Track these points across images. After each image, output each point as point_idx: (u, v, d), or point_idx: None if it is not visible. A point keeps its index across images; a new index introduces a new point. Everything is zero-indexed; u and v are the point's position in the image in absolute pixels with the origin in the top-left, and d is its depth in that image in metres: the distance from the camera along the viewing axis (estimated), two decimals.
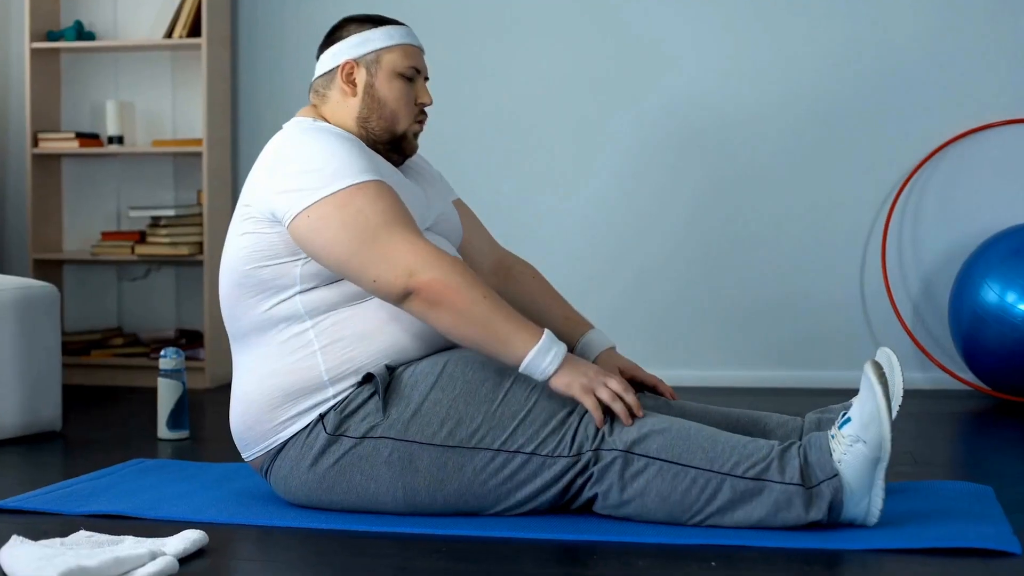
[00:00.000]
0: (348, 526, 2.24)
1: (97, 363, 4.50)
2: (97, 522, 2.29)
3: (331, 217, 2.23)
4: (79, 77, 4.72)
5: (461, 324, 2.21)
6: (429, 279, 2.19)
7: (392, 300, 2.24)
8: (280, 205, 2.27)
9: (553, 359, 2.20)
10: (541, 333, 2.21)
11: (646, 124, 4.40)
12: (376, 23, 2.46)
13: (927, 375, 4.21)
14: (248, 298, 2.33)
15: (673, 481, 2.17)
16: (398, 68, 2.44)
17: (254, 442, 2.35)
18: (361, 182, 2.26)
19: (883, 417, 2.11)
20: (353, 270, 2.25)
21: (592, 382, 2.21)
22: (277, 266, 2.30)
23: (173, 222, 4.44)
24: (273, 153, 2.35)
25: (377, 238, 2.22)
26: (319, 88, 2.48)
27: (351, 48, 2.44)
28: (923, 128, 4.25)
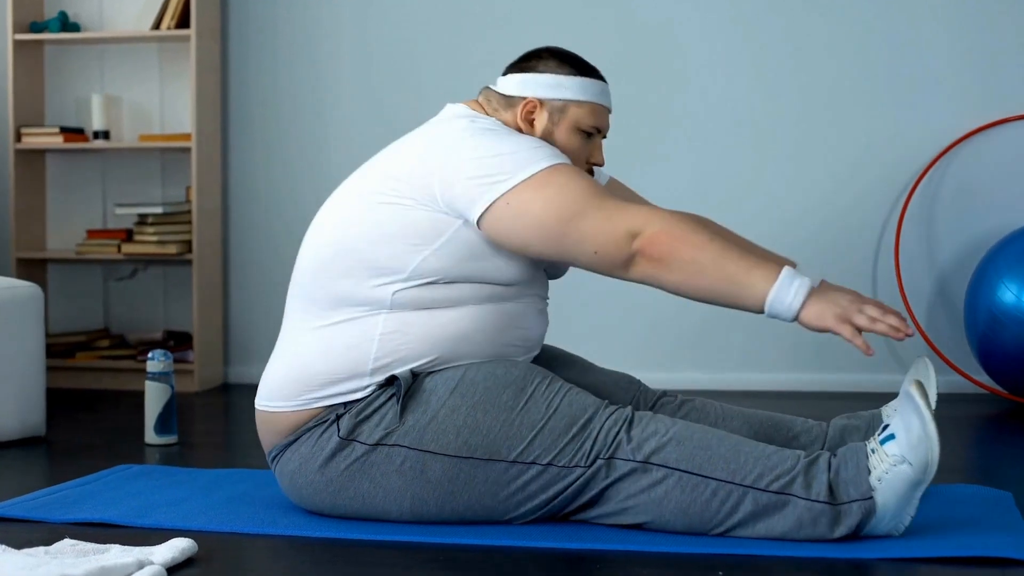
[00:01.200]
0: (344, 534, 2.23)
1: (82, 366, 4.49)
2: (82, 530, 2.28)
3: (534, 199, 2.20)
4: (63, 70, 4.71)
5: (693, 274, 2.15)
6: (653, 234, 2.16)
7: (617, 269, 2.20)
8: (467, 195, 2.22)
9: (798, 292, 2.11)
10: (780, 267, 2.14)
11: (652, 115, 4.40)
12: (576, 69, 2.42)
13: (942, 378, 4.20)
14: (345, 269, 2.29)
15: (692, 493, 2.15)
16: (581, 124, 2.41)
17: (279, 398, 2.33)
18: (555, 163, 2.24)
19: (933, 441, 2.07)
20: (567, 248, 2.22)
21: (846, 310, 2.10)
22: (399, 249, 2.25)
23: (161, 220, 4.44)
24: (448, 138, 2.30)
25: (587, 210, 2.19)
26: (493, 100, 2.44)
27: (542, 87, 2.40)
28: (937, 123, 4.24)
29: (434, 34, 4.53)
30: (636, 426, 2.21)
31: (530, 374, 2.28)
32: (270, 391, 2.35)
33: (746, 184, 4.36)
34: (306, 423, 2.30)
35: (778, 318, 2.13)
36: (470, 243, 2.26)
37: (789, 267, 2.15)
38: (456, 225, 2.25)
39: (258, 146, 4.64)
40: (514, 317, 2.33)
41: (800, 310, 2.12)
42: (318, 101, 4.59)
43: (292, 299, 2.39)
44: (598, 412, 2.24)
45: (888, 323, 2.09)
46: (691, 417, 2.49)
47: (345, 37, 4.57)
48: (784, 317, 2.13)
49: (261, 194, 4.64)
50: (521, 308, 2.35)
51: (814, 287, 2.15)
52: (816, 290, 2.14)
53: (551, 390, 2.26)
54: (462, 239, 2.26)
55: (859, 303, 2.12)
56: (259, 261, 4.65)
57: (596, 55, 4.37)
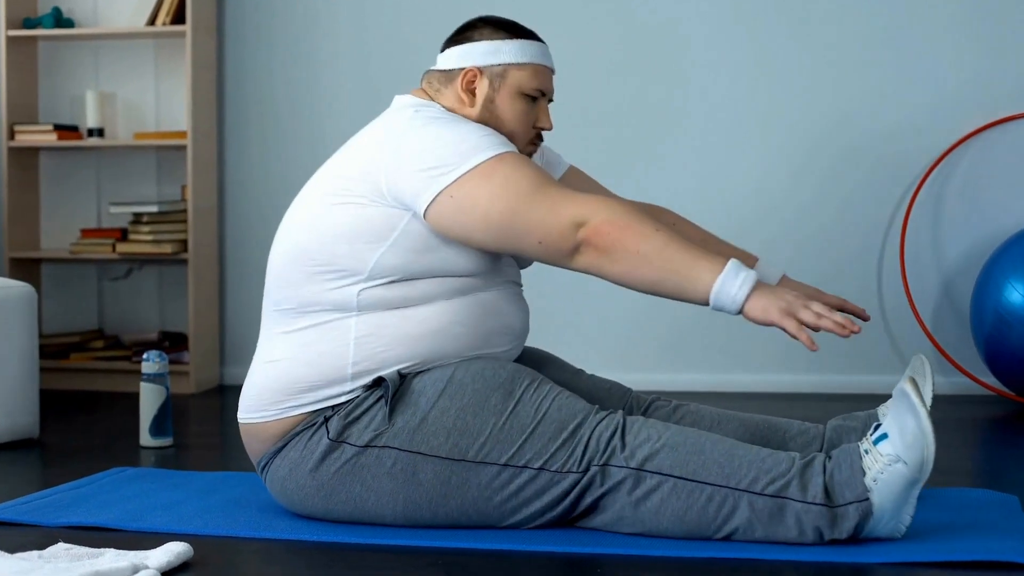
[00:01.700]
0: (340, 538, 2.24)
1: (76, 367, 4.50)
2: (76, 534, 2.29)
3: (478, 191, 2.21)
4: (57, 66, 4.71)
5: (637, 265, 2.16)
6: (597, 224, 2.17)
7: (562, 259, 2.22)
8: (412, 187, 2.24)
9: (743, 284, 2.12)
10: (725, 260, 2.15)
11: (652, 114, 4.40)
12: (511, 33, 2.42)
13: (948, 379, 4.21)
14: (307, 274, 2.31)
15: (688, 499, 2.16)
16: (524, 88, 2.41)
17: (257, 408, 2.34)
18: (500, 153, 2.25)
19: (928, 439, 2.07)
20: (513, 239, 2.23)
21: (791, 305, 2.11)
22: (356, 248, 2.27)
23: (156, 219, 4.44)
24: (393, 131, 2.31)
25: (532, 200, 2.20)
26: (434, 81, 2.46)
27: (479, 55, 2.41)
28: (943, 120, 4.24)
29: (433, 31, 4.52)
30: (629, 432, 2.21)
31: (518, 376, 2.28)
32: (251, 403, 2.36)
33: (748, 184, 4.36)
34: (293, 428, 2.31)
35: (723, 311, 2.15)
36: (422, 235, 2.27)
37: (736, 260, 2.16)
38: (406, 218, 2.27)
39: (255, 144, 4.64)
40: (489, 306, 2.34)
41: (744, 303, 2.12)
42: (316, 98, 4.59)
43: (265, 310, 2.42)
44: (588, 417, 2.24)
45: (834, 319, 2.09)
46: (685, 422, 2.49)
47: (343, 33, 4.57)
48: (728, 310, 2.14)
49: (258, 192, 4.64)
50: (494, 296, 2.35)
51: (760, 280, 2.15)
52: (762, 284, 2.14)
53: (539, 393, 2.26)
54: (413, 232, 2.27)
55: (804, 299, 2.12)
56: (256, 261, 4.65)
57: (596, 53, 4.39)
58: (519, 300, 2.43)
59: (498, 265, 2.37)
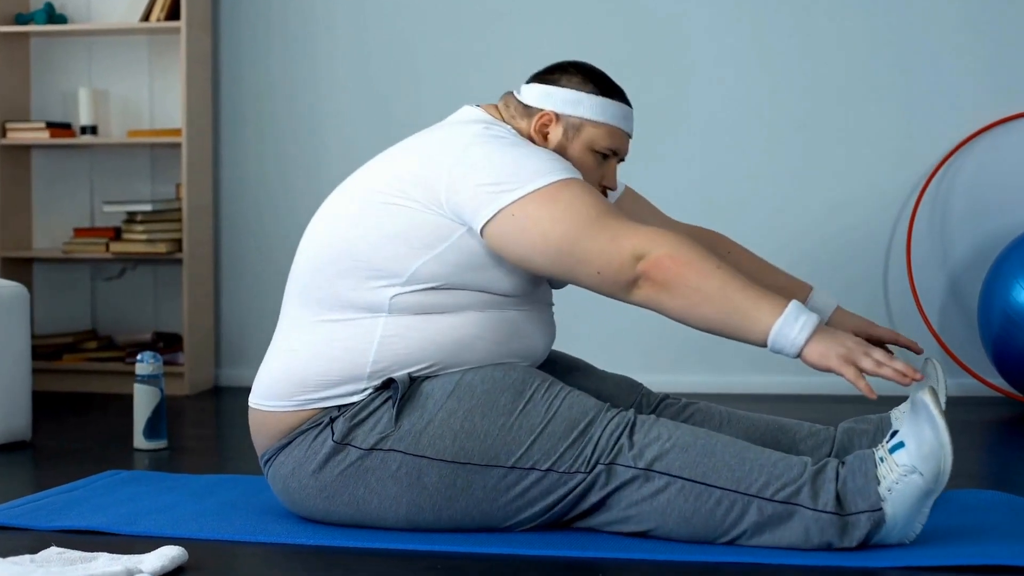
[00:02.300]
0: (338, 542, 2.23)
1: (69, 368, 4.50)
2: (69, 538, 2.28)
3: (540, 213, 2.20)
4: (50, 63, 4.71)
5: (697, 302, 2.15)
6: (658, 257, 2.15)
7: (619, 291, 2.20)
8: (473, 201, 2.22)
9: (803, 328, 2.11)
10: (786, 302, 2.14)
11: (655, 112, 4.40)
12: (599, 88, 2.41)
13: (955, 381, 4.21)
14: (343, 269, 2.29)
15: (696, 502, 2.16)
16: (596, 146, 2.41)
17: (271, 396, 2.33)
18: (566, 178, 2.24)
19: (946, 451, 2.07)
20: (571, 266, 2.22)
21: (851, 352, 2.10)
22: (400, 251, 2.25)
23: (150, 218, 4.44)
24: (460, 141, 2.29)
25: (593, 229, 2.19)
26: (511, 107, 2.44)
27: (559, 102, 2.40)
28: (950, 119, 4.24)
29: (433, 26, 4.53)
30: (638, 431, 2.21)
31: (529, 377, 2.28)
32: (265, 389, 2.35)
33: (754, 183, 4.36)
34: (300, 425, 2.31)
35: (781, 353, 2.14)
36: (472, 251, 2.26)
37: (797, 301, 2.15)
38: (460, 232, 2.25)
39: (250, 142, 4.64)
40: (517, 326, 2.33)
41: (804, 347, 2.12)
42: (313, 95, 4.59)
43: (289, 296, 2.40)
44: (599, 415, 2.24)
45: (894, 367, 2.09)
46: (695, 421, 2.49)
47: (340, 29, 4.57)
48: (787, 353, 2.13)
49: (254, 191, 4.64)
50: (524, 317, 2.35)
51: (822, 322, 2.15)
52: (823, 328, 2.14)
53: (551, 393, 2.26)
54: (464, 247, 2.25)
55: (865, 346, 2.12)
56: (251, 260, 4.65)
57: (598, 49, 4.39)
58: (547, 324, 2.43)
59: (538, 289, 2.37)
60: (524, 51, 4.44)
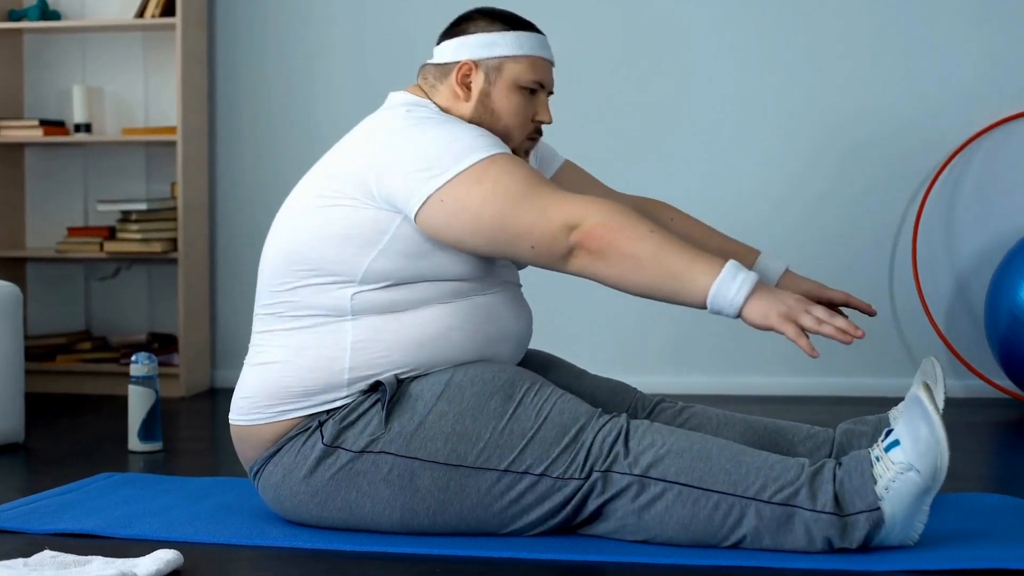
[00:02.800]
0: (335, 546, 2.24)
1: (63, 369, 4.50)
2: (63, 541, 2.29)
3: (469, 195, 2.21)
4: (43, 60, 4.72)
5: (633, 268, 2.15)
6: (591, 226, 2.16)
7: (556, 263, 2.22)
8: (403, 189, 2.24)
9: (741, 286, 2.11)
10: (723, 262, 2.14)
11: (656, 109, 4.40)
12: (508, 24, 2.42)
13: (961, 382, 4.21)
14: (298, 277, 2.31)
15: (694, 507, 2.16)
16: (521, 81, 2.41)
17: (249, 411, 2.34)
18: (492, 154, 2.25)
19: (942, 447, 2.07)
20: (504, 244, 2.23)
21: (792, 309, 2.09)
22: (347, 252, 2.27)
23: (145, 217, 4.44)
24: (384, 130, 2.31)
25: (523, 203, 2.20)
26: (429, 76, 2.46)
27: (474, 48, 2.41)
28: (957, 115, 4.24)
29: (431, 22, 4.52)
30: (632, 437, 2.21)
31: (519, 380, 2.28)
32: (244, 404, 2.36)
33: (755, 180, 4.36)
34: (287, 432, 2.31)
35: (721, 314, 2.14)
36: (413, 239, 2.27)
37: (734, 261, 2.15)
38: (397, 221, 2.27)
39: (247, 140, 4.65)
40: (488, 310, 2.34)
41: (743, 306, 2.12)
42: (310, 93, 4.59)
43: (256, 309, 2.42)
44: (591, 421, 2.24)
45: (835, 325, 2.09)
46: (690, 424, 2.49)
47: (338, 25, 4.57)
48: (726, 313, 2.13)
49: (250, 190, 4.64)
50: (493, 299, 2.35)
51: (760, 282, 2.14)
52: (762, 286, 2.13)
53: (540, 397, 2.26)
54: (405, 235, 2.27)
55: (805, 303, 2.12)
56: (248, 260, 4.65)
57: (597, 45, 4.39)
58: (519, 303, 2.43)
59: (493, 268, 2.37)
60: None
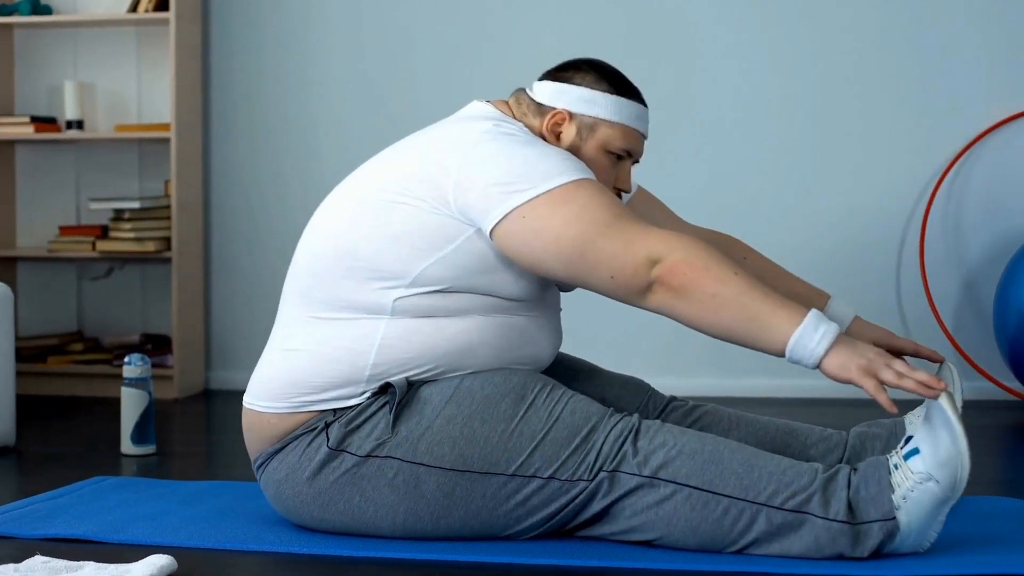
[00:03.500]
0: (334, 551, 2.23)
1: (54, 371, 4.50)
2: (55, 546, 2.28)
3: (552, 215, 2.19)
4: (34, 55, 4.71)
5: (713, 309, 2.15)
6: (674, 262, 2.15)
7: (633, 296, 2.21)
8: (482, 201, 2.21)
9: (823, 338, 2.10)
10: (806, 311, 2.13)
11: (660, 106, 4.40)
12: (614, 87, 2.41)
13: (970, 384, 4.21)
14: (345, 269, 2.29)
15: (703, 510, 2.15)
16: (611, 146, 2.41)
17: (267, 396, 2.33)
18: (579, 179, 2.23)
19: (964, 459, 2.07)
20: (582, 270, 2.21)
21: (872, 363, 2.08)
22: (404, 253, 2.25)
23: (138, 215, 4.44)
24: (468, 138, 2.29)
25: (608, 232, 2.19)
26: (523, 104, 2.44)
27: (573, 100, 2.40)
28: (965, 112, 4.24)
29: (430, 18, 4.53)
30: (643, 437, 2.21)
31: (530, 381, 2.28)
32: (261, 389, 2.35)
33: (762, 182, 4.36)
34: (295, 429, 2.31)
35: (799, 364, 2.13)
36: (480, 254, 2.26)
37: (816, 311, 2.14)
38: (468, 233, 2.25)
39: (242, 136, 4.64)
40: (524, 333, 2.33)
41: (823, 358, 2.11)
42: (306, 89, 4.59)
43: (288, 295, 2.39)
44: (602, 421, 2.23)
45: (916, 379, 2.08)
46: (702, 424, 2.49)
47: (335, 20, 4.57)
48: (806, 364, 2.13)
49: (245, 187, 4.64)
50: (532, 323, 2.35)
51: (841, 333, 2.14)
52: (842, 338, 2.13)
53: (552, 398, 2.26)
54: (472, 249, 2.25)
55: (886, 357, 2.11)
56: (243, 259, 4.65)
57: (600, 41, 4.39)
58: (555, 330, 2.42)
59: (546, 293, 2.37)
60: (525, 43, 4.44)
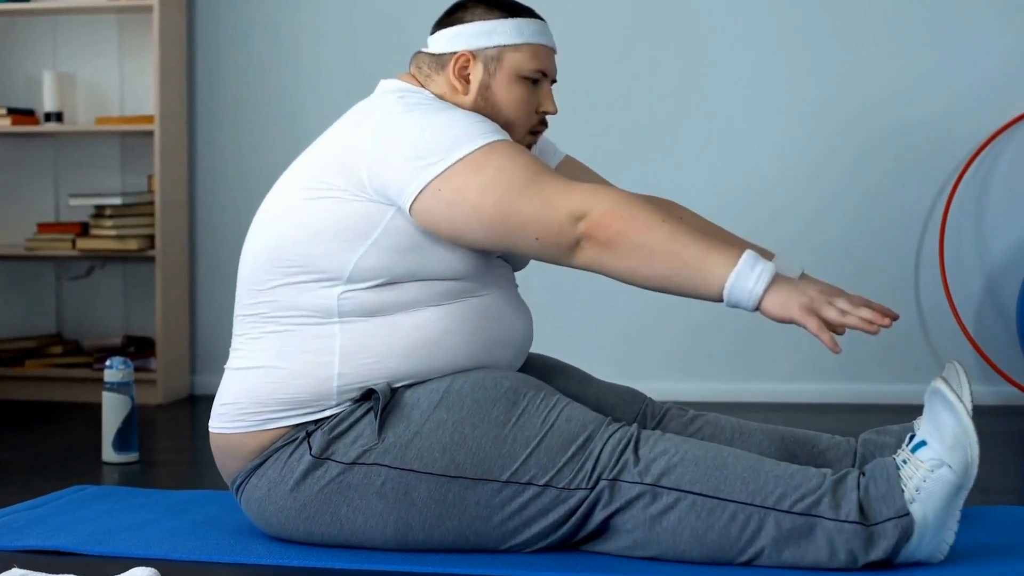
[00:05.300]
0: (322, 563, 2.24)
1: (32, 375, 4.50)
2: (33, 558, 2.29)
3: (468, 184, 2.21)
4: (11, 44, 4.72)
5: (645, 259, 2.16)
6: (599, 216, 2.17)
7: (562, 256, 2.22)
8: (396, 179, 2.24)
9: (760, 277, 2.11)
10: (740, 251, 2.15)
11: (667, 99, 4.40)
12: (506, 11, 2.43)
13: (991, 388, 4.21)
14: (281, 275, 2.31)
15: (709, 518, 2.16)
16: (522, 71, 2.42)
17: (231, 418, 2.33)
18: (492, 141, 2.25)
19: (971, 437, 2.08)
20: (506, 236, 2.23)
21: (814, 301, 2.09)
22: (334, 247, 2.27)
23: (120, 212, 4.45)
24: (375, 118, 2.32)
25: (527, 192, 2.21)
26: (424, 66, 2.47)
27: (471, 38, 2.42)
28: (987, 105, 4.24)
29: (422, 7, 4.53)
30: (643, 445, 2.21)
31: (523, 386, 2.28)
32: (224, 413, 2.36)
33: (772, 174, 4.36)
34: (273, 443, 2.31)
35: (738, 307, 2.14)
36: (407, 233, 2.28)
37: (751, 251, 2.15)
38: (390, 213, 2.27)
39: (229, 129, 4.65)
40: (485, 311, 2.34)
41: (762, 298, 2.12)
42: (295, 79, 4.60)
43: (237, 310, 2.42)
44: (599, 429, 2.24)
45: (860, 315, 2.09)
46: (704, 433, 2.49)
47: (325, 7, 4.57)
48: (744, 306, 2.13)
49: (232, 183, 4.65)
50: (489, 300, 2.36)
51: (779, 273, 2.15)
52: (781, 277, 2.14)
53: (546, 404, 2.27)
54: (398, 228, 2.27)
55: (829, 295, 2.13)
56: (230, 259, 4.63)
57: (604, 28, 4.40)
58: (518, 304, 2.43)
59: (489, 266, 2.38)
60: None
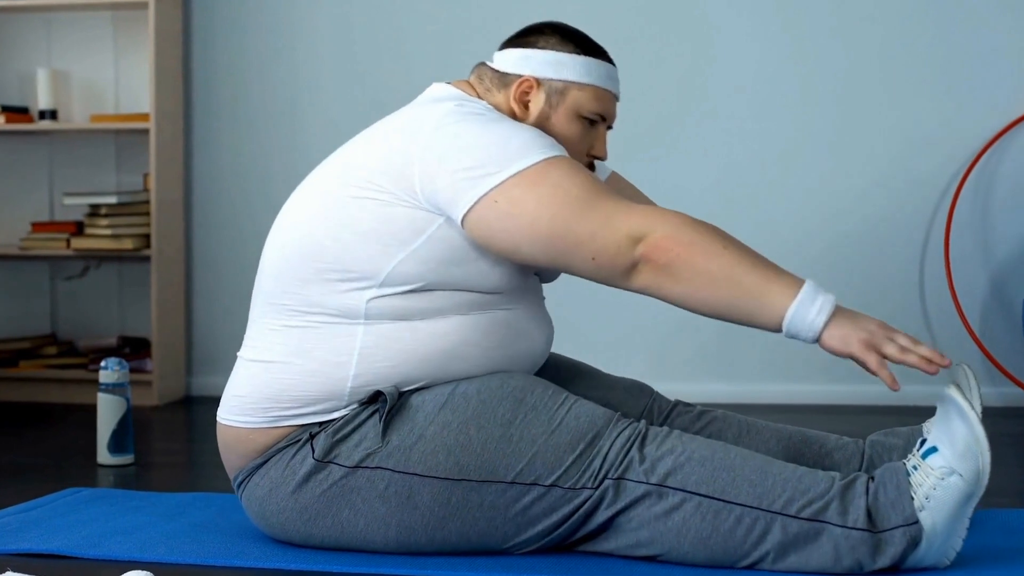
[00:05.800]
0: (321, 566, 2.24)
1: (26, 376, 4.50)
2: (27, 562, 2.29)
3: (526, 197, 2.20)
4: (5, 41, 4.72)
5: (703, 286, 2.15)
6: (658, 238, 2.15)
7: (617, 278, 2.20)
8: (450, 188, 2.22)
9: (822, 309, 2.11)
10: (801, 280, 2.14)
11: (671, 96, 4.40)
12: (580, 48, 2.42)
13: (997, 390, 4.21)
14: (312, 272, 2.29)
15: (714, 520, 2.16)
16: (583, 110, 2.42)
17: (241, 411, 2.33)
18: (551, 156, 2.24)
19: (983, 446, 2.08)
20: (562, 253, 2.22)
21: (874, 336, 2.10)
22: (373, 250, 2.25)
23: (116, 211, 4.44)
24: (430, 123, 2.29)
25: (585, 211, 2.19)
26: (485, 78, 2.46)
27: (540, 65, 2.41)
28: (993, 102, 4.24)
29: (422, 4, 4.54)
30: (650, 443, 2.21)
31: (529, 384, 2.28)
32: (235, 404, 2.35)
33: (779, 174, 4.36)
34: (276, 443, 2.31)
35: (797, 338, 2.14)
36: (453, 244, 2.26)
37: (812, 281, 2.15)
38: (438, 223, 2.25)
39: (226, 127, 4.65)
40: (510, 327, 2.33)
41: (823, 330, 2.12)
42: (293, 77, 4.59)
43: (256, 302, 2.40)
44: (608, 427, 2.24)
45: (920, 354, 2.10)
46: (711, 430, 2.50)
47: (322, 6, 4.57)
48: (804, 337, 2.13)
49: (228, 182, 4.64)
50: (515, 315, 2.35)
51: (839, 306, 2.15)
52: (842, 310, 2.14)
53: (554, 402, 2.26)
54: (444, 239, 2.26)
55: (888, 330, 2.13)
56: (226, 258, 4.66)
57: (606, 22, 4.39)
58: (542, 318, 2.43)
59: (526, 281, 2.37)
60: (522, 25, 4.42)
